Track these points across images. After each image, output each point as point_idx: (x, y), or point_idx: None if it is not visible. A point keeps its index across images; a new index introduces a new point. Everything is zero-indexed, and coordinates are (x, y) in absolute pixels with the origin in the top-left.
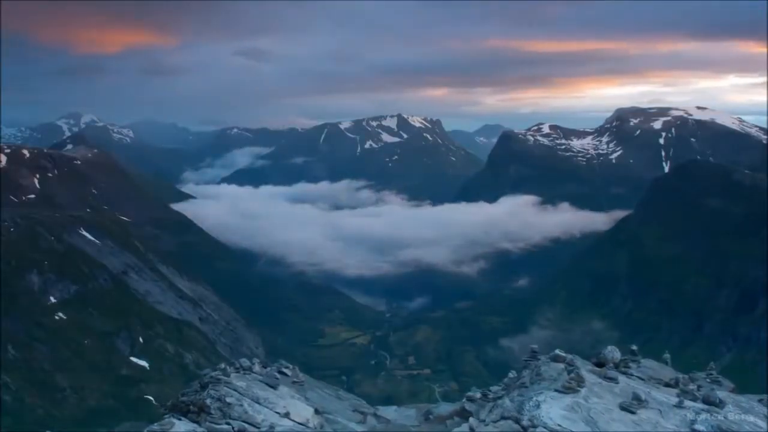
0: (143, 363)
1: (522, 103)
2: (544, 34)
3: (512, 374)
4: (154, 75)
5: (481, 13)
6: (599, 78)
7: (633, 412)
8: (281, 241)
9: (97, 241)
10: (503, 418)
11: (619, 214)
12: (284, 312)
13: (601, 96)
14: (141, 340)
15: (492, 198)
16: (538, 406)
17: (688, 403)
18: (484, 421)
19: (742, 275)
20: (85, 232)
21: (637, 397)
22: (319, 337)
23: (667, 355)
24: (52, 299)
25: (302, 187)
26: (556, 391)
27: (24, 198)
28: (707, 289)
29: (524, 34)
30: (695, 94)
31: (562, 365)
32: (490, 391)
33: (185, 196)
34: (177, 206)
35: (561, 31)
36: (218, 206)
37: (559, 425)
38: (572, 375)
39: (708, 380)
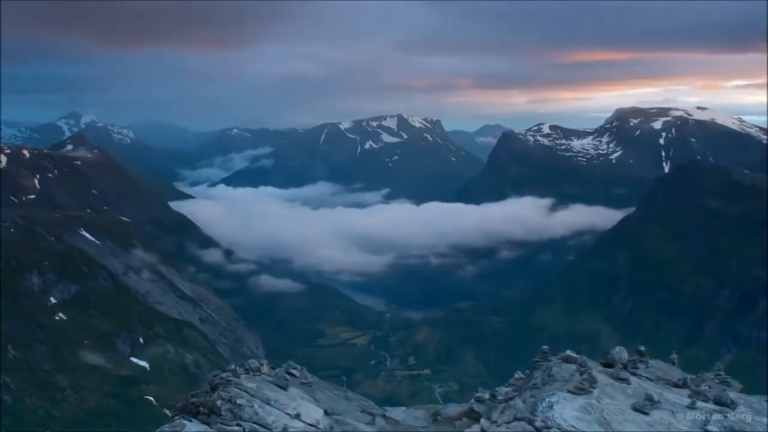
0: (143, 363)
1: (543, 105)
2: (570, 45)
3: (519, 375)
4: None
5: (516, 24)
6: (612, 83)
7: (646, 413)
8: (281, 242)
9: (97, 242)
10: (516, 419)
11: (619, 214)
12: (284, 312)
13: (613, 98)
14: (141, 340)
15: (492, 198)
16: (551, 407)
17: (700, 404)
18: (495, 422)
19: (742, 275)
20: (85, 233)
21: (649, 398)
22: (319, 338)
23: (674, 356)
24: (52, 299)
25: (302, 188)
26: (568, 392)
27: (24, 198)
28: (707, 289)
29: (555, 45)
30: (704, 96)
31: (573, 366)
32: (497, 391)
33: (185, 196)
34: (177, 206)
35: (585, 43)
36: (218, 206)
37: (572, 426)
38: (585, 376)
39: (716, 381)
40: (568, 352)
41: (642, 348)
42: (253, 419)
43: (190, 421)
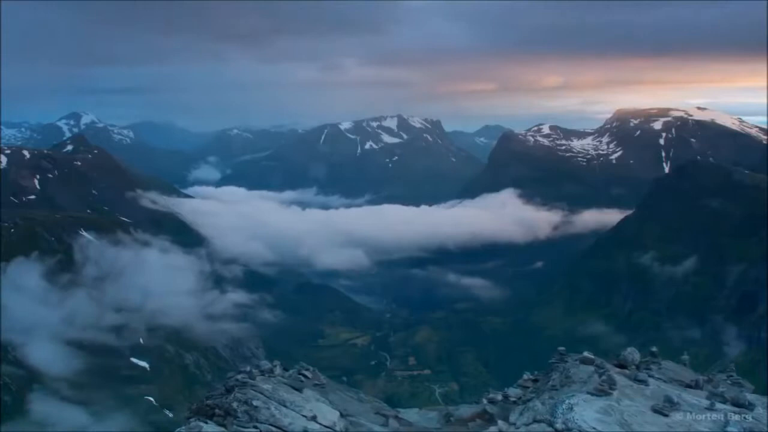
0: (143, 363)
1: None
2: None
3: (527, 376)
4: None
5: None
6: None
7: (666, 415)
8: (280, 242)
9: (97, 242)
10: (535, 421)
11: (620, 214)
12: (284, 312)
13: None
14: (141, 340)
15: (492, 199)
16: (571, 408)
17: (718, 405)
18: (514, 423)
19: (743, 275)
20: (85, 233)
21: (669, 400)
22: (319, 338)
23: (685, 357)
24: None
25: (301, 188)
26: (588, 393)
27: (24, 199)
28: (707, 289)
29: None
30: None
31: (591, 367)
32: (508, 393)
33: (185, 197)
34: (177, 207)
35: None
36: (218, 207)
37: (593, 428)
38: (604, 378)
39: (729, 382)
40: (585, 353)
41: (654, 349)
42: (269, 421)
43: (206, 423)
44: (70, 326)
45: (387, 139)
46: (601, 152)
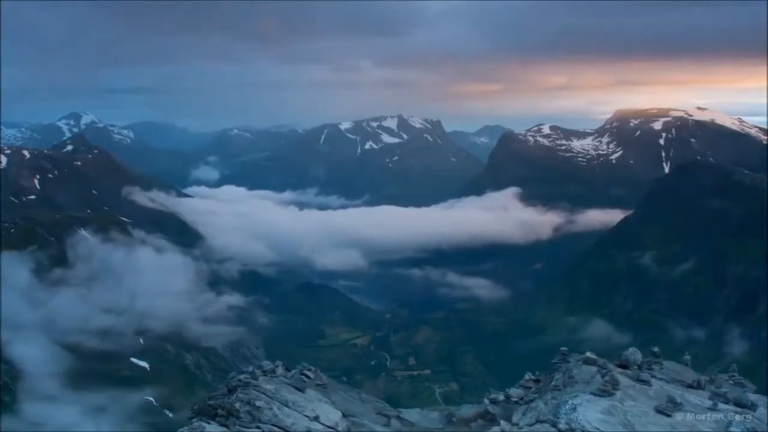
0: (143, 364)
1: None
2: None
3: (528, 376)
4: None
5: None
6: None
7: (669, 415)
8: (280, 243)
9: (96, 242)
10: (539, 421)
11: (620, 214)
12: (284, 313)
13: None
14: (141, 340)
15: (492, 199)
16: (574, 409)
17: (721, 405)
18: (517, 424)
19: (743, 275)
20: (85, 233)
21: (672, 400)
22: (319, 338)
23: (687, 357)
24: None
25: (301, 188)
26: (591, 394)
27: (24, 199)
28: (707, 289)
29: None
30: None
31: (594, 368)
32: (510, 393)
33: (185, 197)
34: (177, 207)
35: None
36: (217, 207)
37: (597, 429)
38: (607, 378)
39: (731, 382)
40: (588, 353)
41: (656, 349)
42: (272, 421)
43: (209, 423)
44: (71, 326)
45: (387, 139)
46: (601, 152)
